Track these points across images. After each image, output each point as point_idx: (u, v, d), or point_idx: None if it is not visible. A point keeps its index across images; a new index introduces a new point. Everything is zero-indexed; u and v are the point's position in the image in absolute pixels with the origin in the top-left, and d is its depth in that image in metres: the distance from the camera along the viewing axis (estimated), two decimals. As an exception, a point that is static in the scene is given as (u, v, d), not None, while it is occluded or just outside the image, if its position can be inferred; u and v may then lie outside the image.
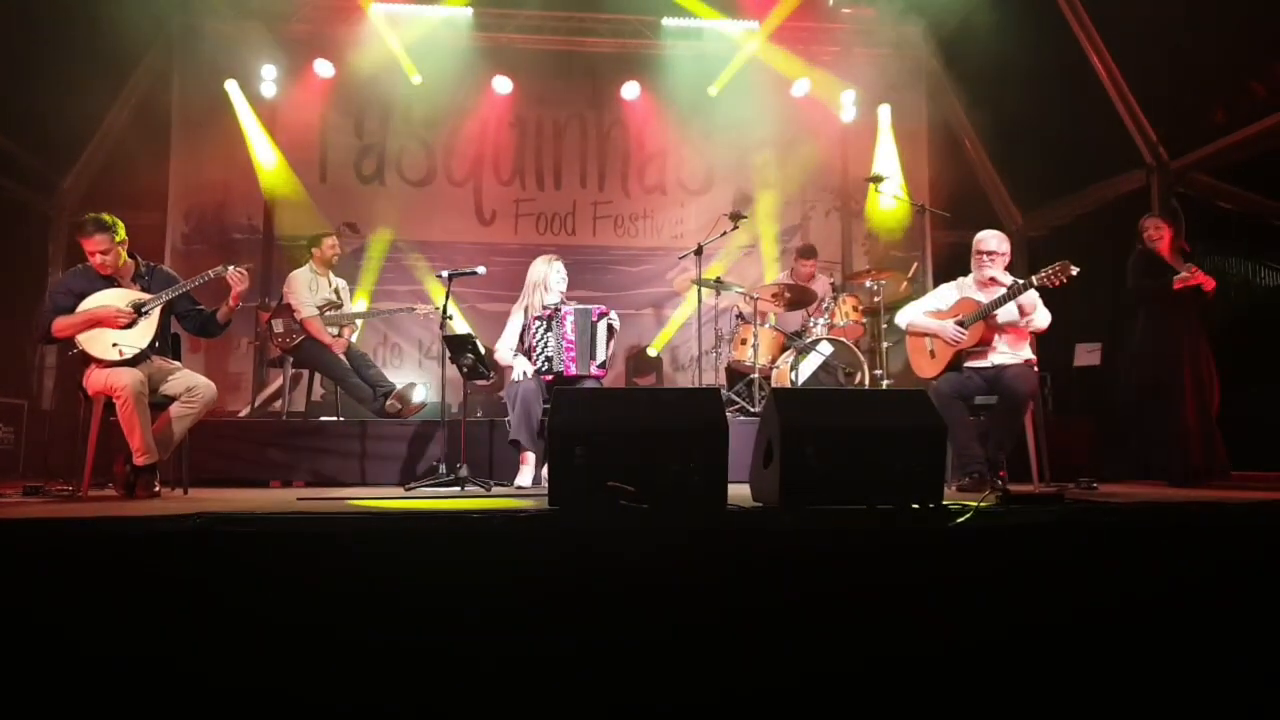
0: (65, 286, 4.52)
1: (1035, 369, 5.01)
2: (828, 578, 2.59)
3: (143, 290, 4.60)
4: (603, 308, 5.51)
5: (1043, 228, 8.92)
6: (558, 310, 5.39)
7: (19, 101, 7.05)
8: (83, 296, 4.45)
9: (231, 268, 4.66)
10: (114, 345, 4.40)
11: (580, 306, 5.43)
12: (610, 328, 5.46)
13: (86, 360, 4.45)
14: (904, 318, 5.24)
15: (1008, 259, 5.02)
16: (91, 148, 8.31)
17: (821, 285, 7.56)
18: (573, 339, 5.33)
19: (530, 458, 5.21)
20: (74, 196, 8.31)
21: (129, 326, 4.45)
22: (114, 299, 4.46)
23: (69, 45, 7.05)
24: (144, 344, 4.48)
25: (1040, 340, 5.15)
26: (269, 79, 8.03)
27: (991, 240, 5.01)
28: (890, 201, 7.86)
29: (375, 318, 7.51)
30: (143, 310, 4.49)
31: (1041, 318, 4.90)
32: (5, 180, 7.44)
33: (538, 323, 5.40)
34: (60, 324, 4.38)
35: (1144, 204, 7.40)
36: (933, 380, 5.01)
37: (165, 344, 4.70)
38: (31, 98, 7.10)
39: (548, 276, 5.52)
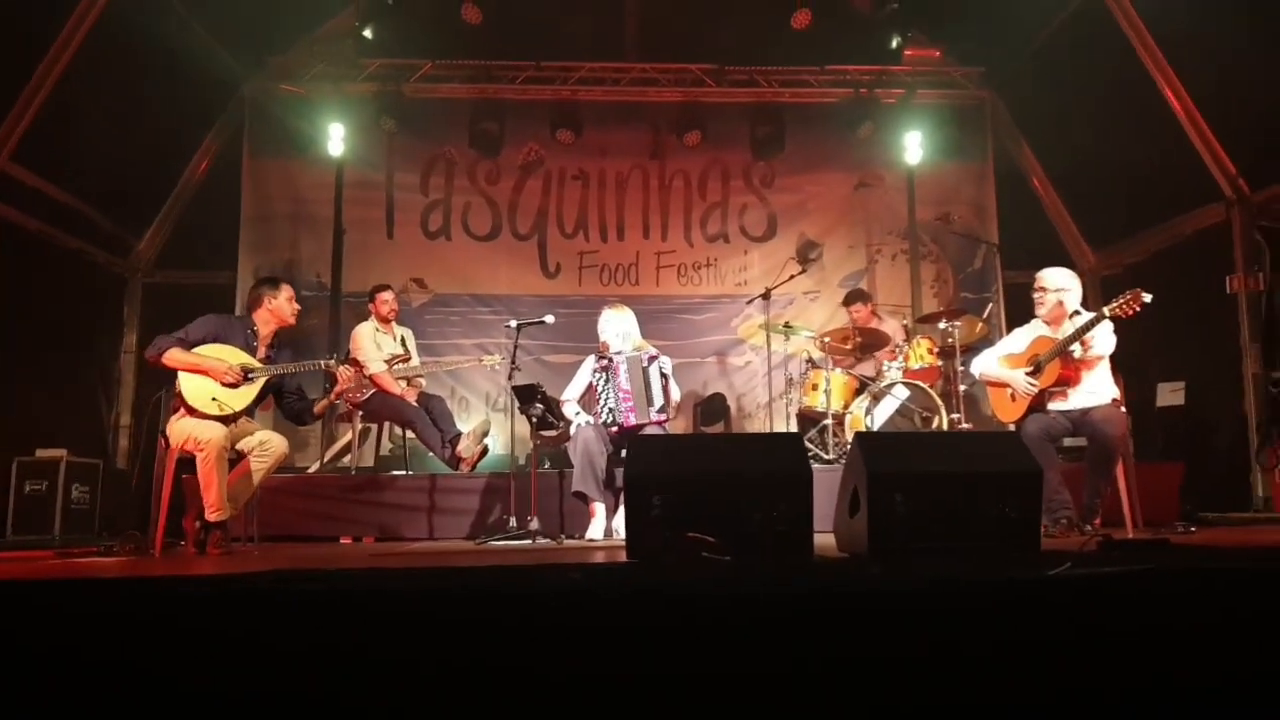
0: (204, 324, 4.57)
1: (1122, 408, 4.80)
2: (924, 630, 2.44)
3: (268, 358, 4.64)
4: (653, 352, 5.50)
5: (1117, 266, 8.63)
6: (611, 361, 5.39)
7: (97, 166, 7.25)
8: (207, 341, 4.49)
9: (343, 366, 4.69)
10: (213, 399, 4.40)
11: (631, 354, 5.41)
12: (662, 373, 5.42)
13: (176, 406, 4.45)
14: (978, 366, 5.11)
15: (1069, 293, 4.82)
16: (166, 209, 8.51)
17: (893, 328, 7.38)
18: (628, 388, 5.31)
19: (599, 509, 5.13)
20: (148, 258, 8.51)
21: (233, 386, 4.46)
22: (229, 355, 4.49)
23: (145, 111, 7.27)
24: (240, 408, 4.50)
25: (1121, 381, 4.94)
26: (336, 138, 8.17)
27: (1044, 276, 4.90)
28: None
29: (443, 370, 7.53)
30: (250, 375, 4.51)
31: (1101, 344, 4.63)
32: (83, 243, 7.62)
33: (596, 375, 5.42)
34: (175, 354, 4.40)
35: (1224, 238, 7.13)
36: (1014, 423, 4.83)
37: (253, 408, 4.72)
38: (109, 162, 7.30)
39: (600, 328, 5.65)
